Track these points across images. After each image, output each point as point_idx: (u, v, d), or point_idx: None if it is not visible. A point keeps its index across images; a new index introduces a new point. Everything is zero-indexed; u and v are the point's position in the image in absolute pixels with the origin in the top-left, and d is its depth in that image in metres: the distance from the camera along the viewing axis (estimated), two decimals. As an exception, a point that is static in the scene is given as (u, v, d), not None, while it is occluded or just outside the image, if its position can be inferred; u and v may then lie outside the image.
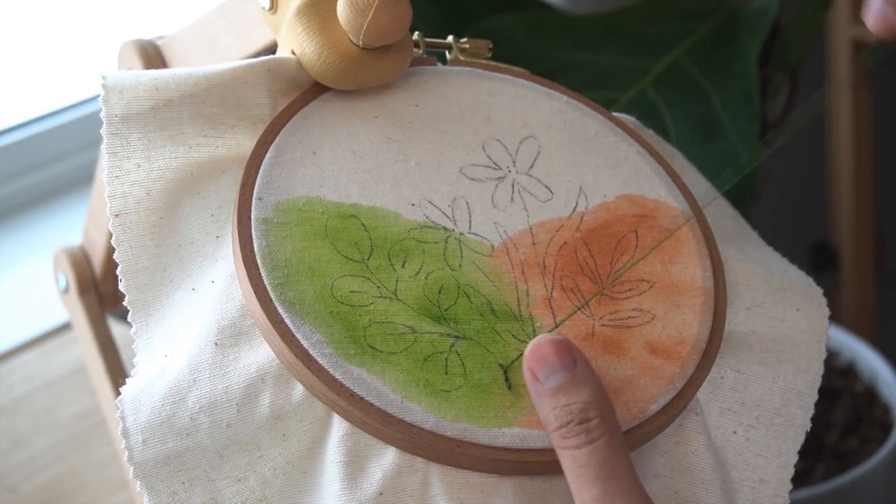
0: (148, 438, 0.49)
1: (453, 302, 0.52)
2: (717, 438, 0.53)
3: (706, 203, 0.57)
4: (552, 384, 0.48)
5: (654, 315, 0.53)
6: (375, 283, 0.51)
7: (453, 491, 0.48)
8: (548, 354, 0.48)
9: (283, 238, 0.51)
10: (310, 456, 0.49)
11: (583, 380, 0.47)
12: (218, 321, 0.50)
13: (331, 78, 0.55)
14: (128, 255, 0.52)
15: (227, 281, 0.51)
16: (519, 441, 0.49)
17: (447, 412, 0.49)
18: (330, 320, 0.50)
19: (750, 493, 0.53)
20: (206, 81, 0.54)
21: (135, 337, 0.52)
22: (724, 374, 0.54)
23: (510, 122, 0.58)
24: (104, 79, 0.54)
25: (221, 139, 0.54)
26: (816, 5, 1.05)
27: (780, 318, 0.56)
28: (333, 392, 0.48)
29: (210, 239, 0.53)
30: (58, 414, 0.91)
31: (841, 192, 1.38)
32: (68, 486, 0.85)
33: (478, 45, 0.61)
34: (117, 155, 0.53)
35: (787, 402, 0.55)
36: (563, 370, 0.48)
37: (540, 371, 0.48)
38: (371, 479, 0.48)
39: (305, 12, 0.55)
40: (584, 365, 0.48)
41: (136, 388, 0.49)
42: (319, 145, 0.55)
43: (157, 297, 0.52)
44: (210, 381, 0.49)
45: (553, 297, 0.53)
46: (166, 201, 0.53)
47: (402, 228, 0.53)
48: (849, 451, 1.08)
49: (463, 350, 0.50)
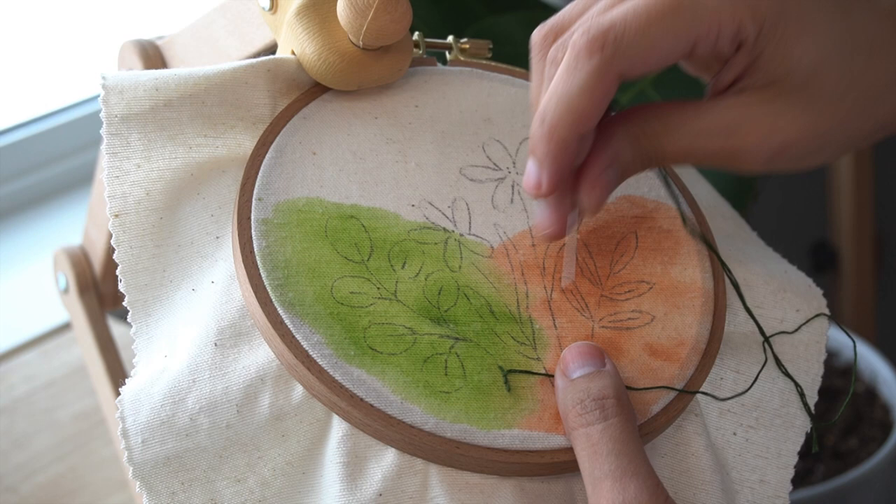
0: (147, 439, 0.49)
1: (453, 303, 0.52)
2: (716, 439, 0.53)
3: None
4: (578, 375, 0.49)
5: (653, 316, 0.53)
6: (375, 284, 0.51)
7: (453, 492, 0.48)
8: (581, 353, 0.50)
9: (283, 239, 0.51)
10: (309, 457, 0.49)
11: (607, 374, 0.49)
12: (218, 322, 0.50)
13: (331, 78, 0.55)
14: (128, 255, 0.52)
15: (226, 281, 0.51)
16: (518, 442, 0.49)
17: (447, 413, 0.49)
18: (330, 321, 0.50)
19: (750, 494, 0.53)
20: (206, 82, 0.54)
21: (135, 337, 0.52)
22: (724, 375, 0.54)
23: (510, 122, 0.58)
24: (104, 79, 0.54)
25: (221, 139, 0.54)
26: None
27: (780, 318, 0.56)
28: (333, 393, 0.48)
29: (210, 239, 0.53)
30: (58, 414, 0.91)
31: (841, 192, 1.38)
32: (68, 486, 0.85)
33: (478, 46, 0.61)
34: (117, 155, 0.53)
35: (786, 402, 0.55)
36: (591, 365, 0.49)
37: (570, 365, 0.49)
38: (371, 480, 0.48)
39: (305, 13, 0.55)
40: (611, 365, 0.50)
41: (136, 389, 0.49)
42: (319, 146, 0.55)
43: (156, 297, 0.52)
44: (210, 381, 0.49)
45: (552, 298, 0.53)
46: (166, 202, 0.53)
47: (402, 229, 0.53)
48: (849, 451, 1.08)
49: (463, 352, 0.50)
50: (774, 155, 0.47)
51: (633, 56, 0.44)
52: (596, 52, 0.44)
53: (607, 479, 0.47)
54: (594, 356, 0.50)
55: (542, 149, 0.46)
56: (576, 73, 0.45)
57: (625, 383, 0.50)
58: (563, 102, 0.45)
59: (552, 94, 0.45)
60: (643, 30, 0.44)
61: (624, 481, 0.47)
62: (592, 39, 0.44)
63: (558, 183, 0.47)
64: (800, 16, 0.45)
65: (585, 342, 0.51)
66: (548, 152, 0.46)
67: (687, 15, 0.44)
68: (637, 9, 0.45)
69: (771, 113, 0.46)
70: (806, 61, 0.45)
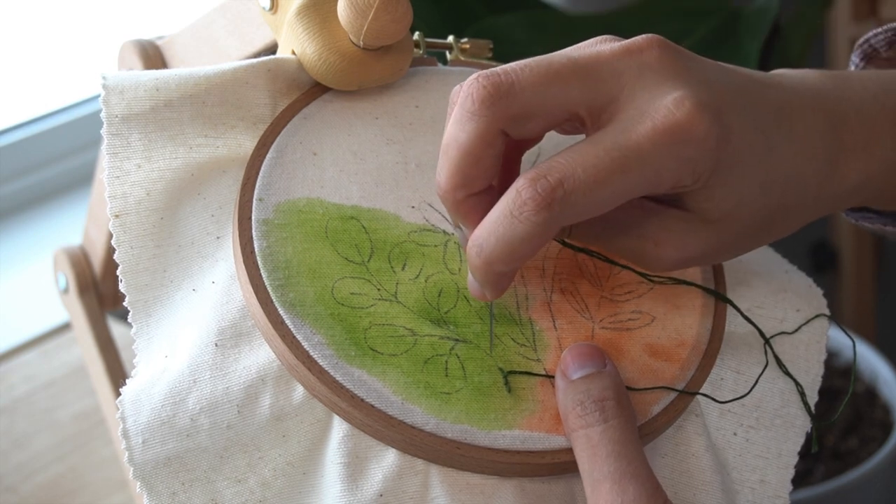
0: (148, 439, 0.49)
1: (453, 305, 0.52)
2: (717, 440, 0.53)
3: None
4: (578, 376, 0.49)
5: (653, 317, 0.53)
6: (375, 285, 0.51)
7: (454, 492, 0.48)
8: (581, 353, 0.50)
9: (284, 239, 0.51)
10: (310, 457, 0.49)
11: (607, 375, 0.49)
12: (218, 322, 0.50)
13: (331, 78, 0.55)
14: (128, 255, 0.52)
15: (227, 282, 0.51)
16: (519, 443, 0.49)
17: (447, 414, 0.49)
18: (331, 322, 0.50)
19: (750, 494, 0.53)
20: (206, 82, 0.54)
21: (135, 337, 0.52)
22: (724, 375, 0.54)
23: (510, 122, 0.58)
24: (105, 79, 0.54)
25: (222, 139, 0.54)
26: (816, 5, 1.05)
27: (781, 318, 0.56)
28: (334, 393, 0.48)
29: (210, 240, 0.53)
30: (58, 414, 0.91)
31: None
32: (68, 486, 0.85)
33: (478, 46, 0.61)
34: (118, 155, 0.53)
35: (786, 402, 0.55)
36: (592, 366, 0.49)
37: (570, 366, 0.50)
38: (372, 481, 0.48)
39: (306, 13, 0.55)
40: (612, 366, 0.50)
41: (137, 389, 0.49)
42: (320, 146, 0.55)
43: (157, 297, 0.52)
44: (210, 381, 0.49)
45: (552, 300, 0.53)
46: (167, 202, 0.53)
47: (402, 231, 0.53)
48: (849, 451, 1.08)
49: (463, 353, 0.50)
50: (676, 264, 0.50)
51: (579, 212, 0.46)
52: (543, 210, 0.45)
53: (607, 481, 0.47)
54: (594, 357, 0.50)
55: (481, 277, 0.48)
56: (520, 224, 0.46)
57: (625, 384, 0.50)
58: (504, 244, 0.46)
59: (492, 233, 0.47)
60: (592, 189, 0.46)
61: (623, 483, 0.47)
62: (542, 196, 0.45)
63: (502, 293, 0.50)
64: (731, 166, 0.48)
65: (586, 343, 0.51)
66: (486, 281, 0.48)
67: (634, 176, 0.46)
68: (586, 166, 0.46)
69: (684, 232, 0.50)
70: (725, 204, 0.49)
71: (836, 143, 0.51)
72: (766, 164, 0.49)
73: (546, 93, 0.47)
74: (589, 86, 0.47)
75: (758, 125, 0.49)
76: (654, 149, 0.46)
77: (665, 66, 0.47)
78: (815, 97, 0.51)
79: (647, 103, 0.47)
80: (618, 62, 0.47)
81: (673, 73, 0.47)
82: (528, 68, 0.47)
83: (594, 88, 0.47)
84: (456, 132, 0.47)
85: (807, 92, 0.51)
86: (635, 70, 0.47)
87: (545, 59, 0.47)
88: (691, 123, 0.46)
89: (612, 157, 0.46)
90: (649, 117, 0.46)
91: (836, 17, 1.31)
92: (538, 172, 0.46)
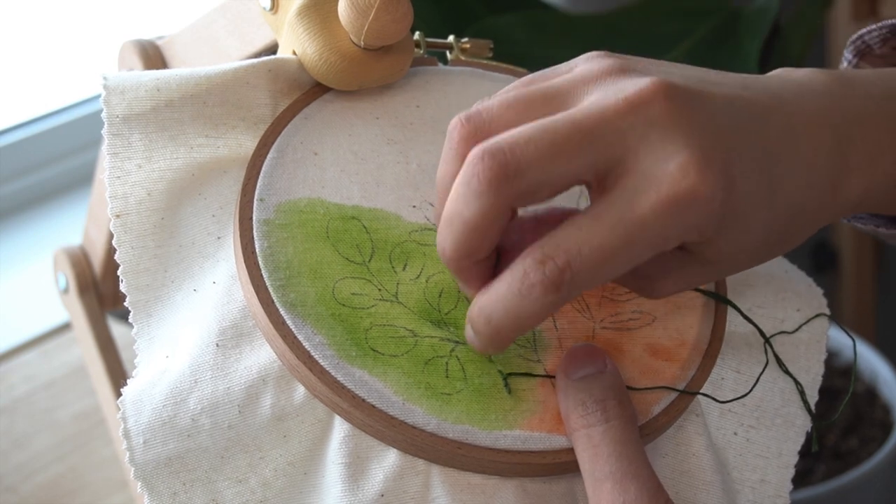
0: (149, 439, 0.49)
1: (454, 306, 0.52)
2: (717, 439, 0.53)
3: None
4: (580, 376, 0.49)
5: (654, 317, 0.53)
6: (376, 285, 0.51)
7: (455, 492, 0.48)
8: (582, 353, 0.50)
9: (285, 239, 0.51)
10: (311, 457, 0.49)
11: (608, 376, 0.49)
12: (219, 322, 0.50)
13: (332, 78, 0.55)
14: (129, 255, 0.52)
15: (228, 282, 0.51)
16: (520, 443, 0.49)
17: (448, 414, 0.49)
18: (332, 322, 0.50)
19: (751, 494, 0.53)
20: (207, 82, 0.54)
21: (136, 338, 0.52)
22: (725, 375, 0.54)
23: (511, 122, 0.58)
24: (105, 79, 0.54)
25: (223, 139, 0.54)
26: (816, 5, 1.05)
27: (781, 318, 0.56)
28: (335, 394, 0.48)
29: (211, 240, 0.53)
30: (58, 414, 0.91)
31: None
32: (68, 486, 0.85)
33: (479, 46, 0.61)
34: (119, 156, 0.53)
35: (787, 402, 0.55)
36: (593, 366, 0.50)
37: (571, 366, 0.50)
38: (372, 481, 0.48)
39: (306, 13, 0.55)
40: (612, 366, 0.50)
41: (138, 389, 0.49)
42: (321, 146, 0.55)
43: (158, 297, 0.52)
44: (211, 382, 0.49)
45: (554, 299, 0.53)
46: (167, 202, 0.53)
47: (403, 231, 0.53)
48: (849, 451, 1.08)
49: (463, 355, 0.50)
50: (672, 292, 0.50)
51: (587, 287, 0.46)
52: (552, 292, 0.45)
53: (608, 481, 0.47)
54: (595, 357, 0.50)
55: (488, 343, 0.48)
56: (529, 303, 0.46)
57: (626, 384, 0.50)
58: (512, 317, 0.46)
59: (500, 305, 0.46)
60: (598, 267, 0.45)
61: (624, 483, 0.47)
62: (550, 280, 0.45)
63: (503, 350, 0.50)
64: (735, 217, 0.47)
65: (587, 343, 0.51)
66: (492, 345, 0.48)
67: (639, 248, 0.46)
68: (592, 246, 0.45)
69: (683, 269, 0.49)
70: (728, 248, 0.48)
71: (841, 162, 0.50)
72: (769, 202, 0.48)
73: (553, 169, 0.46)
74: (594, 152, 0.46)
75: (762, 164, 0.48)
76: (658, 220, 0.45)
77: (672, 119, 0.46)
78: (819, 111, 0.50)
79: (653, 167, 0.45)
80: (622, 121, 0.46)
81: (678, 126, 0.46)
82: (532, 144, 0.46)
83: (600, 153, 0.46)
84: (460, 208, 0.46)
85: (811, 105, 0.50)
86: (641, 129, 0.46)
87: (549, 130, 0.46)
88: (696, 189, 0.45)
89: (618, 234, 0.45)
90: (654, 187, 0.45)
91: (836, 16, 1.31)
92: (545, 254, 0.45)
